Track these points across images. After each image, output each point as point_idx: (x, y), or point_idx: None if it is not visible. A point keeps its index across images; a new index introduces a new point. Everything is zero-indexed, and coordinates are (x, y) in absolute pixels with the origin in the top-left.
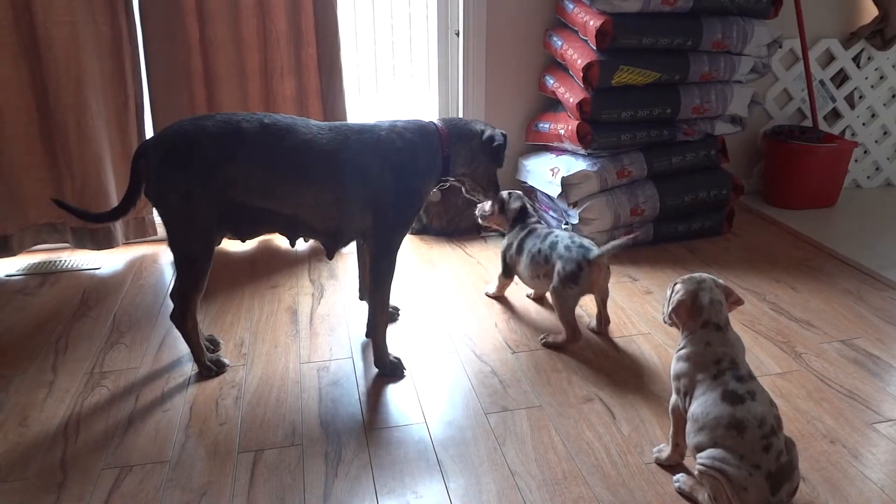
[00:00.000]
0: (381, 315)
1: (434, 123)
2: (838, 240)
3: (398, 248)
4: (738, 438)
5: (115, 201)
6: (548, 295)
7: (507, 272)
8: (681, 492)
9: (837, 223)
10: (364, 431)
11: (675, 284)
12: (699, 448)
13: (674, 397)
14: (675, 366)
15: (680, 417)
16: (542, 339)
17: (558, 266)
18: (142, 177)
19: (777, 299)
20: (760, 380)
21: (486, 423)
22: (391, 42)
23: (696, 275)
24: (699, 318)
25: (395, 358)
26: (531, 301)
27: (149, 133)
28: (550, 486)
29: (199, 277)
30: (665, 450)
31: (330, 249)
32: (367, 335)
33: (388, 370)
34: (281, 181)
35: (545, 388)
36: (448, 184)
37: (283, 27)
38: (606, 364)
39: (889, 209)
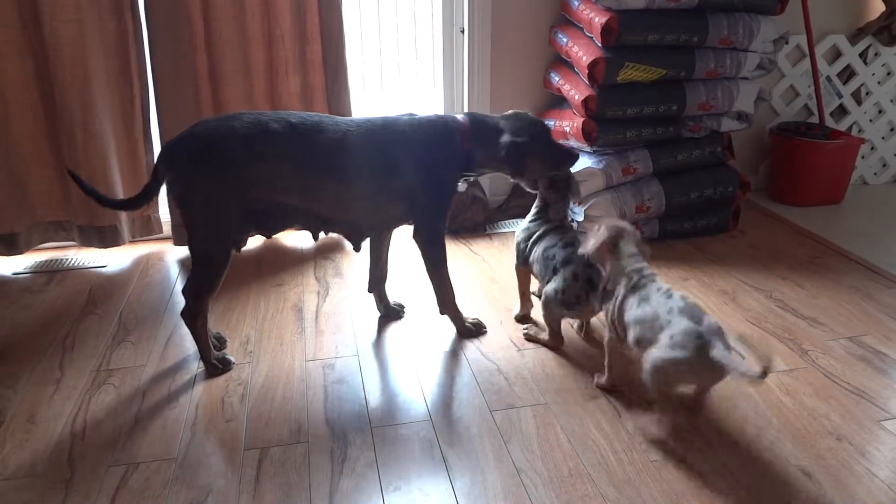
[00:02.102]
0: (446, 293)
1: (456, 119)
2: (845, 237)
3: (444, 232)
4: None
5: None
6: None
7: (523, 261)
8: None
9: (844, 220)
10: (369, 429)
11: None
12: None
13: (608, 335)
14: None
15: (615, 349)
16: (524, 329)
17: (560, 284)
18: (163, 176)
19: (783, 296)
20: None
21: (491, 420)
22: (396, 39)
23: (617, 223)
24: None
25: (472, 321)
26: (536, 299)
27: (154, 131)
28: (556, 484)
29: (215, 277)
30: (603, 377)
31: (356, 242)
32: (440, 313)
33: (473, 334)
34: (311, 179)
35: (550, 386)
36: (473, 178)
37: (287, 25)
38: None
39: None
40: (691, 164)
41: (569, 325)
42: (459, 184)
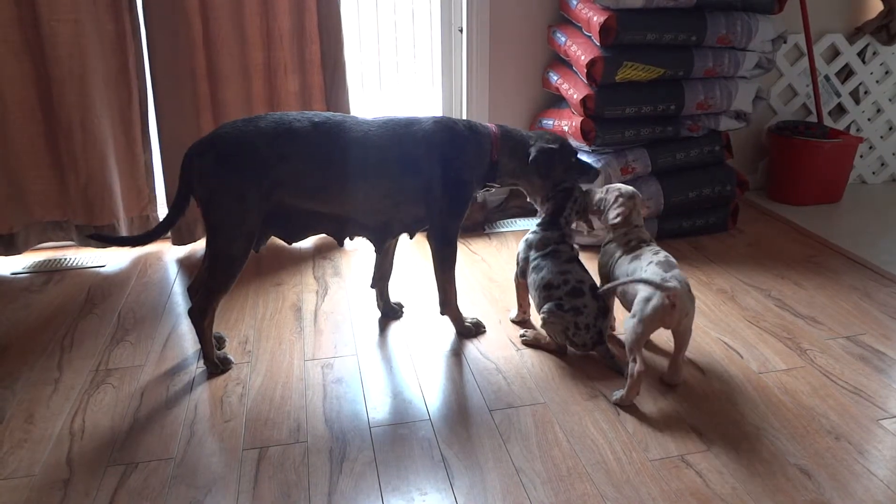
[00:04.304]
0: (450, 294)
1: (488, 127)
2: (843, 236)
3: (457, 233)
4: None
5: (119, 199)
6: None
7: (521, 273)
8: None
9: (842, 219)
10: (368, 428)
11: (618, 198)
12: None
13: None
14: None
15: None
16: (522, 335)
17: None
18: (193, 178)
19: (782, 295)
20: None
21: (490, 420)
22: (394, 39)
23: (628, 189)
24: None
25: (471, 321)
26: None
27: (153, 131)
28: (555, 483)
29: (231, 278)
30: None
31: (378, 244)
32: (441, 313)
33: (472, 334)
34: (334, 179)
35: (549, 385)
36: (493, 189)
37: (286, 25)
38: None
39: (894, 205)
40: (690, 163)
41: None
42: (480, 192)
